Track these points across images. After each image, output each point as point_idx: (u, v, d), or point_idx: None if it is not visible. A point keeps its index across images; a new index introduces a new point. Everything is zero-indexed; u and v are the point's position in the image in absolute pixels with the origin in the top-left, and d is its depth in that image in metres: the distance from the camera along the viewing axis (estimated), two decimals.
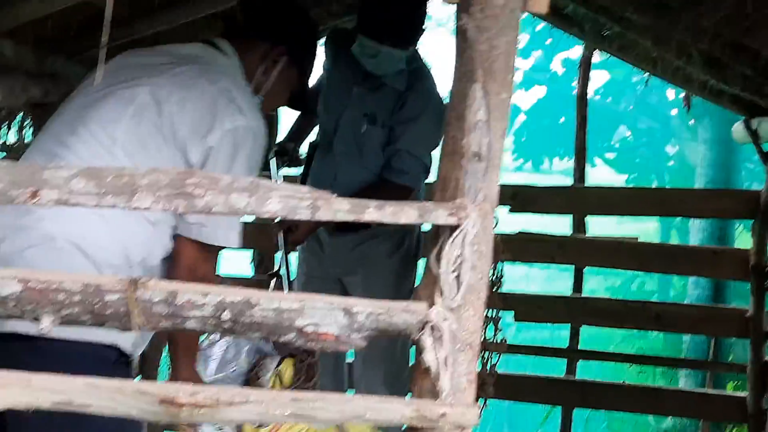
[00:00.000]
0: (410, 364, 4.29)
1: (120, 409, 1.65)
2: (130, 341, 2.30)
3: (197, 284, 1.65)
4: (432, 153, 4.06)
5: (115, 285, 1.61)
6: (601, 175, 9.28)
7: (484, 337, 3.72)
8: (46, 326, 1.62)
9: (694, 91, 4.82)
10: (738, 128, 5.19)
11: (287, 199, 1.62)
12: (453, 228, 1.66)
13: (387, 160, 3.93)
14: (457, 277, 1.66)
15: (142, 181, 1.62)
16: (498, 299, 3.85)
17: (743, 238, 7.75)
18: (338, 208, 1.62)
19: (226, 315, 1.62)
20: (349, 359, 4.36)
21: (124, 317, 1.62)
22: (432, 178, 4.20)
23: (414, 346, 1.70)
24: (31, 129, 4.18)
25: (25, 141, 4.40)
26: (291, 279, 3.67)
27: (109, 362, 2.20)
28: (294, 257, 4.11)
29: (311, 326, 1.62)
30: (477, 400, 1.72)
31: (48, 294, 1.61)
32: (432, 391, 1.68)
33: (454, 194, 1.68)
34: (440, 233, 1.68)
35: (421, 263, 4.27)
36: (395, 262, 4.09)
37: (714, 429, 5.87)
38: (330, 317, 1.62)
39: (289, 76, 2.76)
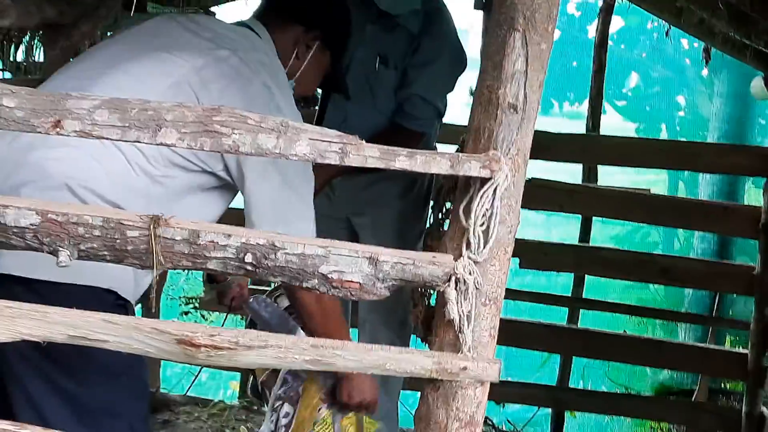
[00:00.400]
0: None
1: (136, 347, 1.62)
2: (130, 287, 2.24)
3: (221, 225, 1.61)
4: (446, 97, 3.99)
5: (136, 221, 1.58)
6: (610, 121, 9.17)
7: None
8: (64, 260, 1.59)
9: (717, 44, 4.73)
10: (757, 84, 5.12)
11: (316, 142, 1.57)
12: (484, 180, 1.62)
13: (399, 105, 3.85)
14: (485, 230, 1.63)
15: (168, 116, 1.57)
16: None
17: (752, 194, 7.72)
18: (368, 155, 1.58)
19: (248, 257, 1.59)
20: None
21: (145, 255, 1.59)
22: (449, 119, 4.15)
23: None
24: (41, 50, 4.11)
25: (35, 61, 4.34)
26: None
27: (107, 305, 2.15)
28: None
29: (335, 273, 1.59)
30: None
31: (67, 227, 1.57)
32: (453, 344, 1.66)
33: (487, 145, 1.64)
34: (470, 185, 1.64)
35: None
36: (405, 205, 4.04)
37: (710, 383, 5.90)
38: (355, 265, 1.59)
39: (322, 60, 2.68)
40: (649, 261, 4.97)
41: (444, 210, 4.02)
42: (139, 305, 2.67)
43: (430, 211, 4.05)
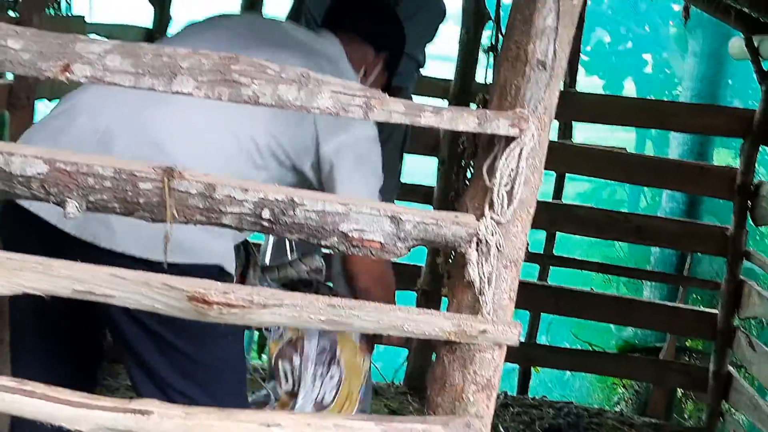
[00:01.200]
0: None
1: (145, 303, 1.56)
2: (232, 260, 2.24)
3: (237, 180, 1.55)
4: (425, 48, 3.95)
5: (149, 172, 1.51)
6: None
7: None
8: (72, 211, 1.51)
9: (698, 4, 4.71)
10: (735, 44, 5.11)
11: (339, 95, 1.51)
12: (509, 139, 1.57)
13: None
14: (509, 190, 1.58)
15: (183, 63, 1.50)
16: None
17: (721, 155, 7.77)
18: (393, 110, 1.52)
19: (266, 213, 1.52)
20: None
21: (157, 208, 1.52)
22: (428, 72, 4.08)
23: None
24: None
25: None
26: None
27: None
28: None
29: (356, 231, 1.54)
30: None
31: (76, 177, 1.50)
32: (471, 307, 1.62)
33: (514, 103, 1.58)
34: (495, 143, 1.59)
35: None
36: (383, 154, 3.99)
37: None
38: (376, 224, 1.54)
39: (380, 81, 2.70)
40: (622, 220, 4.98)
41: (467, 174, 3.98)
42: None
43: (455, 176, 4.02)
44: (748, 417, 4.71)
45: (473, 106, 3.88)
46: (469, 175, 3.97)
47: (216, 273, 2.15)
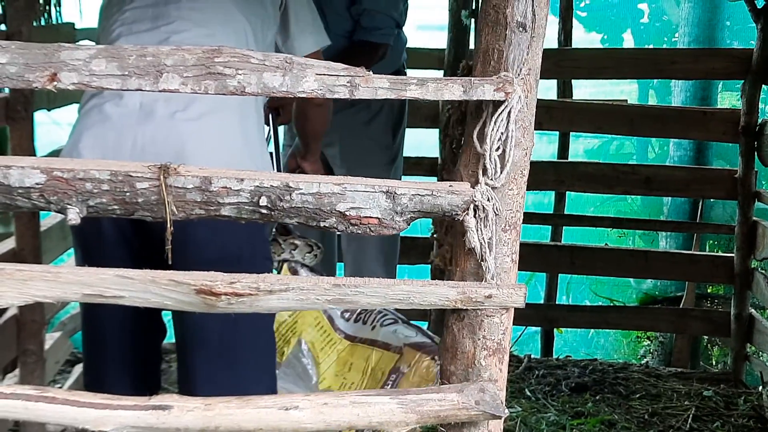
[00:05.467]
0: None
1: (154, 300, 1.59)
2: None
3: (232, 170, 1.57)
4: (401, 7, 3.96)
5: (145, 172, 1.53)
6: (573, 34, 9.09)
7: None
8: (73, 218, 1.54)
9: None
10: None
11: (323, 77, 1.53)
12: (497, 103, 1.58)
13: (356, 23, 3.84)
14: (501, 155, 1.60)
15: (167, 61, 1.52)
16: None
17: (725, 99, 7.72)
18: (378, 86, 1.53)
19: (263, 201, 1.55)
20: None
21: (156, 206, 1.55)
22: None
23: None
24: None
25: None
26: (279, 158, 3.59)
27: None
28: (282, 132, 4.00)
29: (353, 210, 1.56)
30: None
31: (74, 183, 1.52)
32: (475, 273, 1.64)
33: (497, 67, 1.60)
34: (483, 109, 1.61)
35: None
36: (374, 130, 4.01)
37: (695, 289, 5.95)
38: (372, 200, 1.56)
39: None
40: (630, 172, 4.96)
41: (455, 141, 3.99)
42: None
43: (440, 143, 4.04)
44: None
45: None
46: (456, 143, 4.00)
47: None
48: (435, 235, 3.66)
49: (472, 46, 4.46)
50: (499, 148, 1.59)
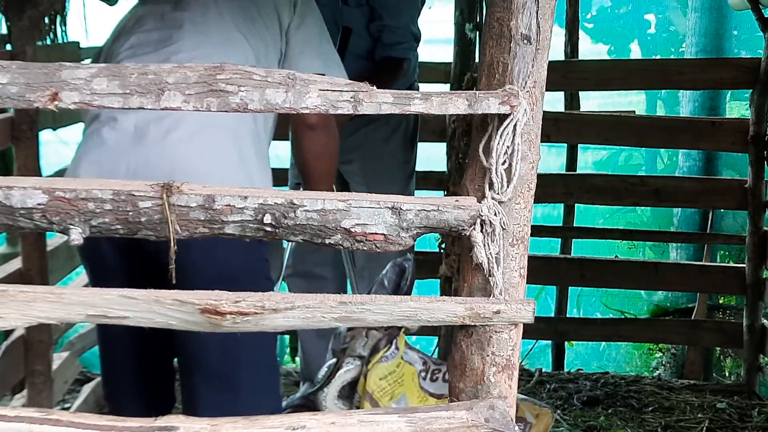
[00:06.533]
0: None
1: (158, 320, 1.57)
2: None
3: (235, 188, 1.55)
4: (417, 22, 3.97)
5: (147, 191, 1.52)
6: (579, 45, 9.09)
7: None
8: (76, 238, 1.53)
9: None
10: None
11: (327, 92, 1.51)
12: (502, 117, 1.56)
13: (376, 39, 3.84)
14: (508, 168, 1.58)
15: (169, 78, 1.50)
16: None
17: (733, 109, 7.68)
18: (382, 101, 1.52)
19: (267, 218, 1.53)
20: None
21: (159, 225, 1.53)
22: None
23: None
24: (3, 21, 3.97)
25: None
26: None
27: None
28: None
29: (358, 226, 1.54)
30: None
31: (76, 203, 1.51)
32: (483, 288, 1.62)
33: (502, 80, 1.58)
34: (488, 122, 1.59)
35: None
36: (393, 147, 4.01)
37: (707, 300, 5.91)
38: (377, 216, 1.54)
39: None
40: (639, 183, 4.93)
41: (461, 154, 3.99)
42: None
43: (447, 157, 4.04)
44: None
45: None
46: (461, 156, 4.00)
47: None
48: (443, 246, 3.65)
49: (477, 59, 4.46)
50: (505, 161, 1.57)
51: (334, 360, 2.81)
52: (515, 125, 1.56)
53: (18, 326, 1.58)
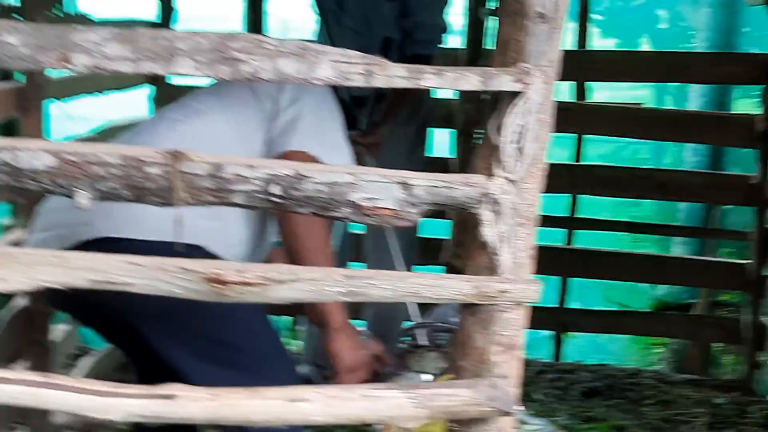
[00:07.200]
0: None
1: (163, 288, 1.56)
2: (220, 244, 2.21)
3: (243, 158, 1.54)
4: (444, 12, 3.95)
5: (156, 157, 1.51)
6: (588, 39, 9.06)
7: None
8: (83, 202, 1.52)
9: None
10: None
11: (339, 64, 1.50)
12: (515, 95, 1.55)
13: (407, 35, 3.80)
14: (519, 147, 1.57)
15: (181, 45, 1.49)
16: None
17: (741, 104, 7.65)
18: (395, 74, 1.51)
19: (275, 189, 1.52)
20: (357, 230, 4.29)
21: (166, 192, 1.52)
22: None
23: None
24: None
25: None
26: None
27: None
28: None
29: (367, 200, 1.53)
30: None
31: (84, 167, 1.50)
32: (489, 267, 1.61)
33: (516, 58, 1.57)
34: (500, 100, 1.58)
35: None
36: (410, 130, 4.01)
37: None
38: (386, 191, 1.53)
39: None
40: (645, 176, 4.92)
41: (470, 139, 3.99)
42: None
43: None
44: None
45: None
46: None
47: (197, 255, 2.12)
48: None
49: (488, 45, 4.44)
50: (516, 140, 1.56)
51: None
52: (528, 104, 1.55)
53: (20, 289, 1.57)
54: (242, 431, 2.16)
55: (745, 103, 7.37)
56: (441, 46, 3.90)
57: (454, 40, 4.61)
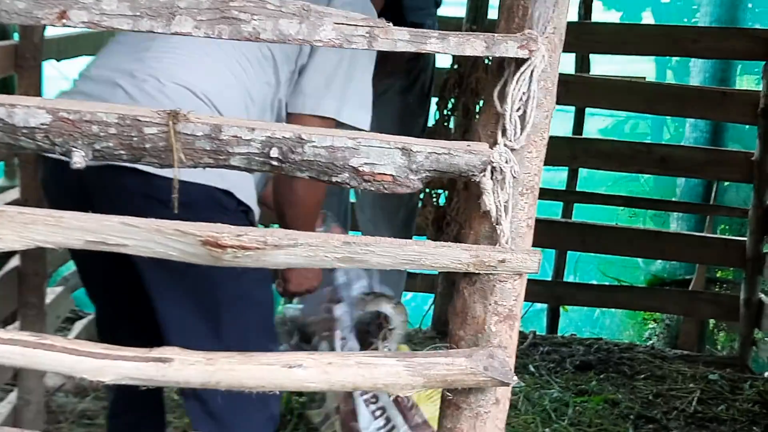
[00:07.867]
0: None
1: (158, 250, 1.54)
2: (250, 192, 2.18)
3: (243, 120, 1.52)
4: None
5: (154, 117, 1.48)
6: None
7: None
8: (78, 161, 1.49)
9: None
10: None
11: (341, 26, 1.47)
12: (520, 62, 1.52)
13: (400, 2, 3.76)
14: (522, 115, 1.55)
15: (181, 3, 1.46)
16: None
17: (743, 81, 7.62)
18: (397, 38, 1.48)
19: (274, 152, 1.49)
20: (352, 200, 4.26)
21: (164, 153, 1.50)
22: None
23: None
24: None
25: None
26: None
27: (230, 210, 2.10)
28: None
29: (366, 165, 1.51)
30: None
31: (80, 125, 1.47)
32: (489, 237, 1.59)
33: (521, 24, 1.54)
34: (504, 67, 1.55)
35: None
36: (409, 99, 3.97)
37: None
38: (387, 157, 1.51)
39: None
40: (645, 151, 4.91)
41: (449, 106, 3.94)
42: None
43: (434, 107, 3.98)
44: None
45: None
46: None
47: (231, 205, 2.11)
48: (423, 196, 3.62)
49: (491, 15, 4.40)
50: (519, 108, 1.54)
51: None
52: (532, 71, 1.52)
53: (14, 248, 1.55)
54: (198, 399, 2.17)
55: (747, 80, 7.35)
56: (430, 16, 3.85)
57: (456, 10, 4.58)
